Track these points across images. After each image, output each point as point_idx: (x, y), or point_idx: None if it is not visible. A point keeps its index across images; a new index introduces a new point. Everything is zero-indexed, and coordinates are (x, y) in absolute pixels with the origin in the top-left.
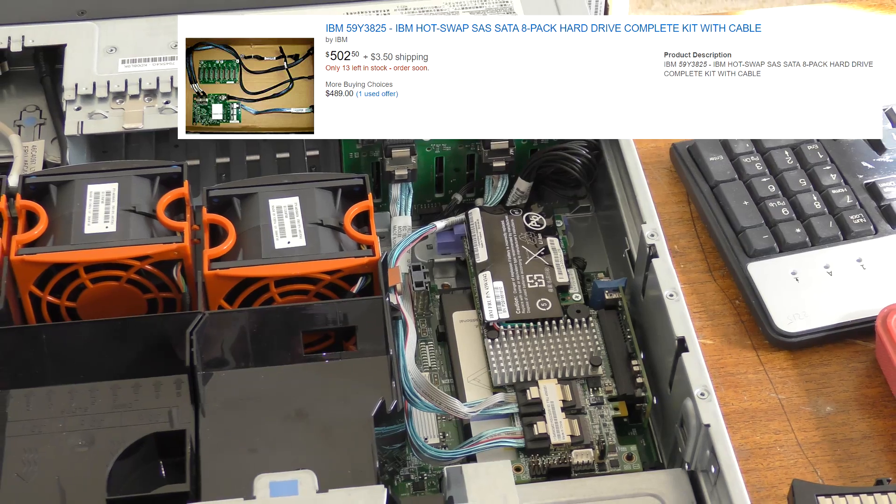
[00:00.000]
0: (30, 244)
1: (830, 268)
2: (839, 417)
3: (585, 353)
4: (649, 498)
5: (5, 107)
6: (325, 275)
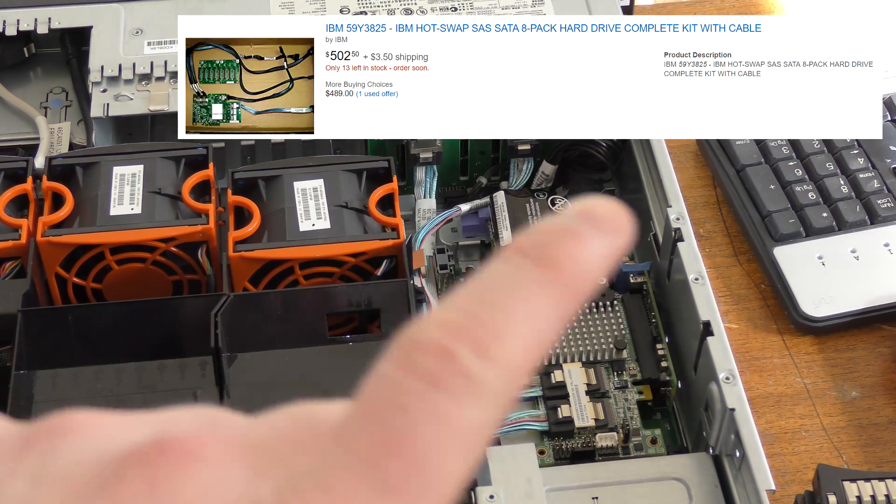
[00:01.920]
0: (56, 226)
1: (857, 252)
2: (865, 402)
3: (610, 337)
4: (673, 482)
5: (32, 89)
6: (349, 257)
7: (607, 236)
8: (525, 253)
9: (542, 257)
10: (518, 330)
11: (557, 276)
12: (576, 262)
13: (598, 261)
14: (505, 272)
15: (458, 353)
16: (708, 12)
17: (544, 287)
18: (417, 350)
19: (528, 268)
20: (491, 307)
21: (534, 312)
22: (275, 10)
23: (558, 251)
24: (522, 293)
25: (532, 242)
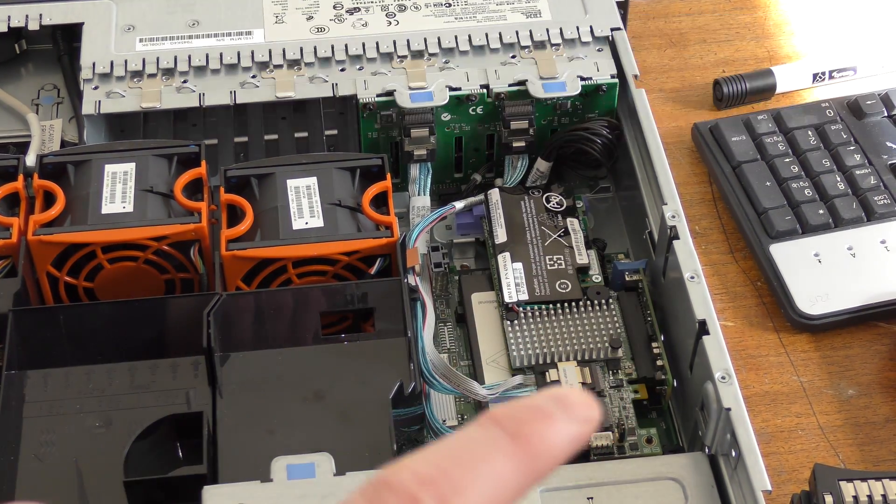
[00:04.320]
0: (47, 224)
1: (853, 249)
2: (861, 401)
3: (605, 336)
4: (669, 481)
5: (23, 86)
6: (343, 256)
7: (576, 423)
8: (500, 424)
9: (515, 431)
10: (479, 491)
11: (525, 449)
12: (544, 440)
13: (565, 443)
14: (478, 437)
15: (422, 500)
16: (705, 10)
17: (511, 457)
18: (388, 490)
19: (499, 437)
20: (460, 465)
21: (497, 477)
22: (268, 9)
23: (531, 428)
24: (490, 458)
25: (508, 415)
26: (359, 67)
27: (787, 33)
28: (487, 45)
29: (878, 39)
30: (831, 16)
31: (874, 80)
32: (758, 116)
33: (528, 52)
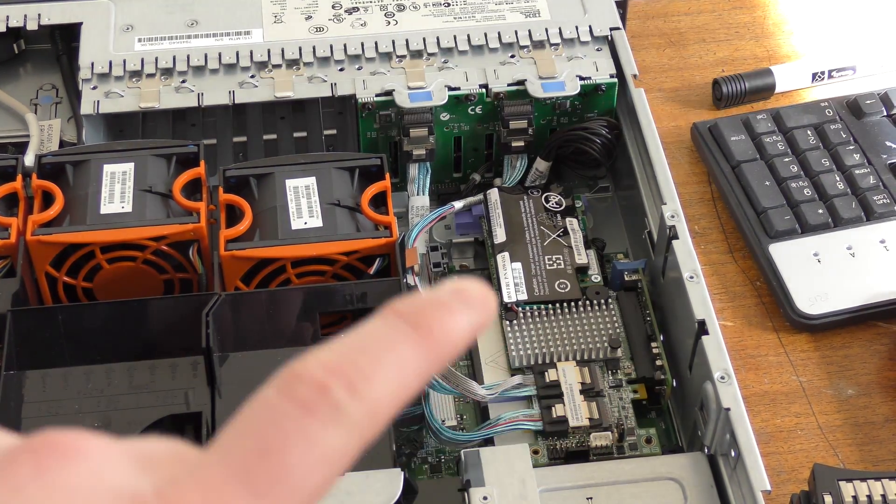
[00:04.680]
0: (46, 224)
1: (853, 249)
2: (861, 400)
3: (604, 335)
4: (668, 482)
5: (22, 85)
6: (341, 256)
7: (474, 312)
8: (401, 315)
9: (416, 321)
10: (385, 376)
11: (426, 337)
12: (443, 328)
13: (463, 331)
14: (382, 328)
15: (331, 387)
16: (705, 10)
17: (413, 345)
18: (297, 380)
19: (402, 327)
20: (365, 354)
21: (401, 364)
22: (267, 8)
23: (431, 318)
24: (394, 347)
25: (409, 308)
26: (358, 67)
27: (786, 33)
28: (486, 45)
29: (877, 39)
30: (831, 15)
31: (873, 80)
32: (757, 116)
33: (527, 51)
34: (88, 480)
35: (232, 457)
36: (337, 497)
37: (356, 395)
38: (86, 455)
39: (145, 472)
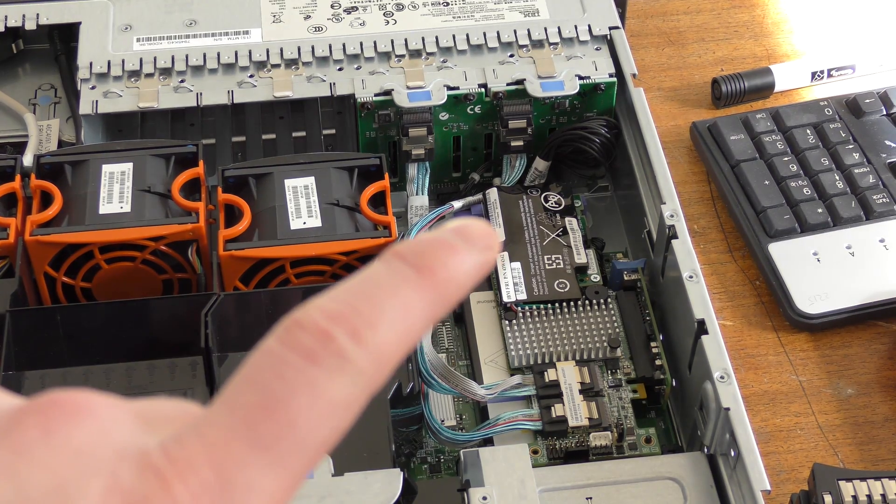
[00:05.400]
0: (44, 224)
1: (852, 248)
2: (860, 400)
3: (604, 335)
4: (668, 481)
5: (20, 85)
6: (340, 256)
7: (478, 251)
8: (403, 258)
9: (419, 263)
10: (390, 322)
11: (430, 280)
12: (448, 269)
13: (468, 271)
14: (384, 272)
15: (335, 335)
16: (704, 9)
17: (417, 288)
18: (300, 329)
19: (404, 270)
20: (369, 300)
21: (406, 309)
22: (266, 8)
23: (434, 259)
24: (397, 291)
25: (410, 249)
26: (357, 67)
27: (785, 32)
28: (485, 45)
29: (876, 38)
30: (830, 14)
31: (873, 79)
32: (756, 115)
33: (527, 51)
34: (95, 439)
35: (236, 411)
36: (336, 497)
37: (361, 342)
38: (92, 413)
39: (151, 430)
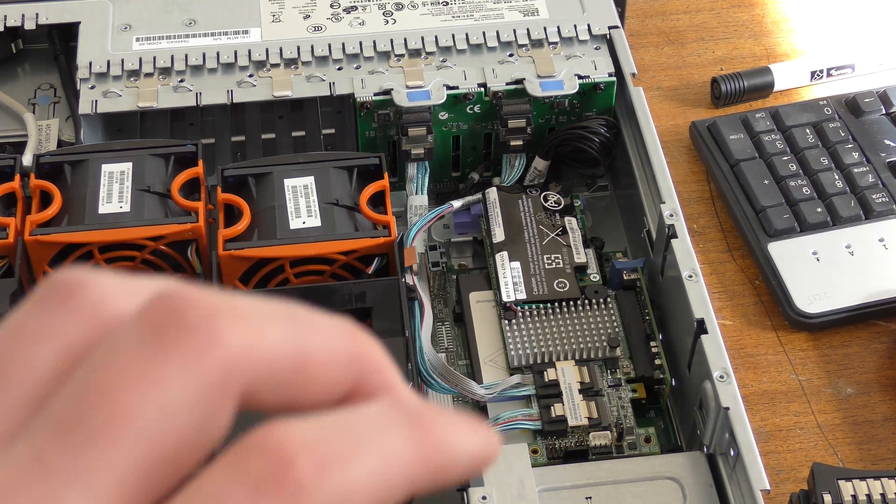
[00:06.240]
0: (44, 224)
1: (852, 248)
2: (860, 399)
3: (603, 335)
4: (667, 481)
5: (20, 85)
6: (340, 255)
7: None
8: (403, 406)
9: (419, 414)
10: (367, 464)
11: (426, 437)
12: (448, 435)
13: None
14: (376, 412)
15: (297, 462)
16: (703, 8)
17: (408, 439)
18: (258, 453)
19: (400, 417)
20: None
21: (389, 456)
22: (265, 7)
23: (436, 419)
24: (386, 435)
25: (414, 401)
26: (356, 66)
27: (785, 31)
28: (485, 44)
29: (876, 37)
30: (829, 13)
31: (872, 78)
32: (756, 114)
33: (526, 50)
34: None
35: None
36: None
37: (325, 476)
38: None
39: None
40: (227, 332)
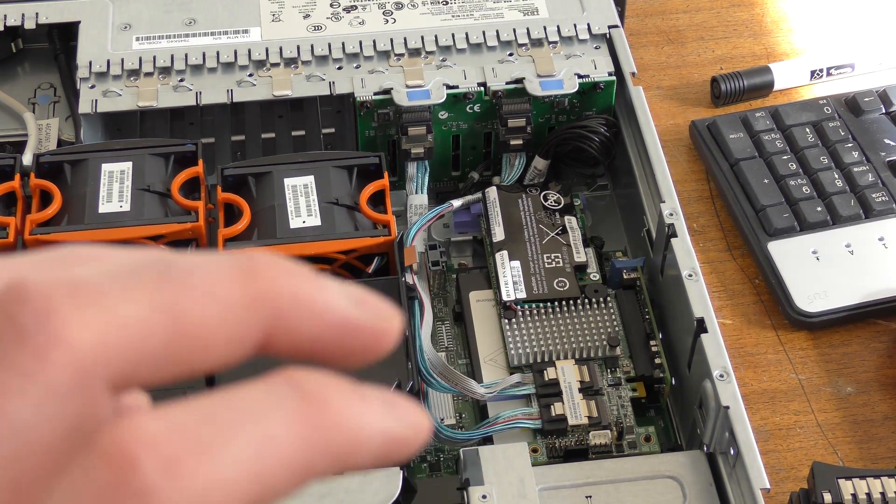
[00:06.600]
0: (44, 223)
1: (851, 247)
2: (860, 398)
3: (603, 334)
4: (667, 480)
5: (20, 84)
6: (340, 255)
7: (398, 422)
8: (294, 379)
9: (312, 389)
10: (235, 455)
11: (319, 414)
12: (348, 412)
13: (371, 433)
14: (259, 392)
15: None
16: (703, 7)
17: (294, 419)
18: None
19: (287, 399)
20: (215, 421)
21: (266, 442)
22: (265, 7)
23: (335, 393)
24: (263, 416)
25: (310, 373)
26: (356, 66)
27: (784, 30)
28: (485, 43)
29: (875, 36)
30: (829, 13)
31: (872, 77)
32: (756, 114)
33: (526, 49)
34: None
35: None
36: (336, 495)
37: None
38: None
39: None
40: (68, 329)
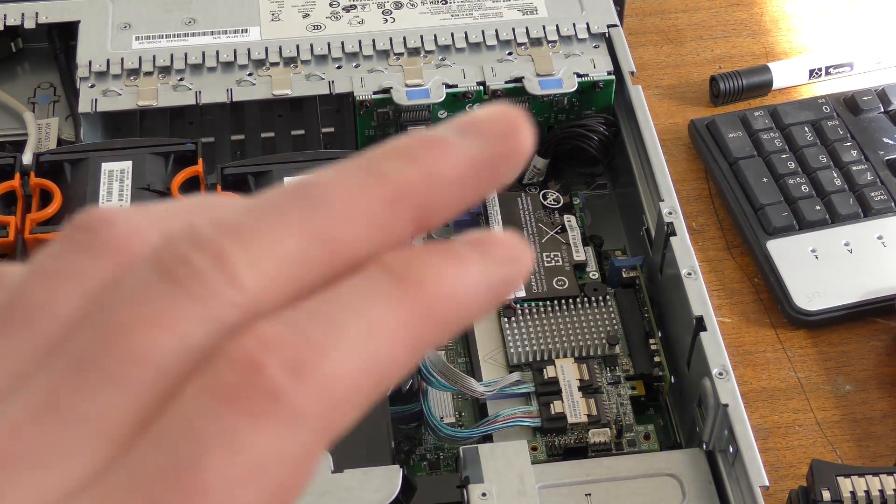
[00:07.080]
0: (44, 223)
1: (850, 245)
2: (859, 396)
3: (602, 332)
4: (667, 478)
5: (19, 84)
6: None
7: (494, 263)
8: (385, 266)
9: (403, 273)
10: (349, 350)
11: (416, 294)
12: (443, 282)
13: (475, 287)
14: (353, 284)
15: (266, 367)
16: (702, 7)
17: (395, 305)
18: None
19: (381, 281)
20: (322, 319)
21: (375, 332)
22: (264, 6)
23: (425, 268)
24: (366, 308)
25: (398, 256)
26: (355, 65)
27: (783, 29)
28: (484, 42)
29: (874, 35)
30: (828, 12)
31: (871, 76)
32: (754, 113)
33: (525, 48)
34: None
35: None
36: (336, 494)
37: (302, 376)
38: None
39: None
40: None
